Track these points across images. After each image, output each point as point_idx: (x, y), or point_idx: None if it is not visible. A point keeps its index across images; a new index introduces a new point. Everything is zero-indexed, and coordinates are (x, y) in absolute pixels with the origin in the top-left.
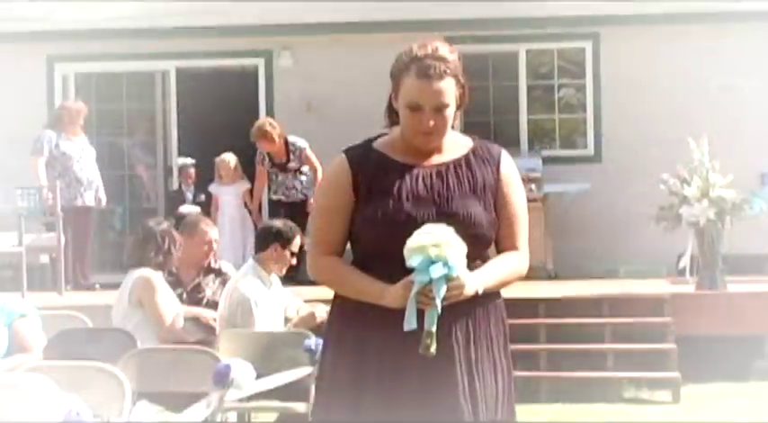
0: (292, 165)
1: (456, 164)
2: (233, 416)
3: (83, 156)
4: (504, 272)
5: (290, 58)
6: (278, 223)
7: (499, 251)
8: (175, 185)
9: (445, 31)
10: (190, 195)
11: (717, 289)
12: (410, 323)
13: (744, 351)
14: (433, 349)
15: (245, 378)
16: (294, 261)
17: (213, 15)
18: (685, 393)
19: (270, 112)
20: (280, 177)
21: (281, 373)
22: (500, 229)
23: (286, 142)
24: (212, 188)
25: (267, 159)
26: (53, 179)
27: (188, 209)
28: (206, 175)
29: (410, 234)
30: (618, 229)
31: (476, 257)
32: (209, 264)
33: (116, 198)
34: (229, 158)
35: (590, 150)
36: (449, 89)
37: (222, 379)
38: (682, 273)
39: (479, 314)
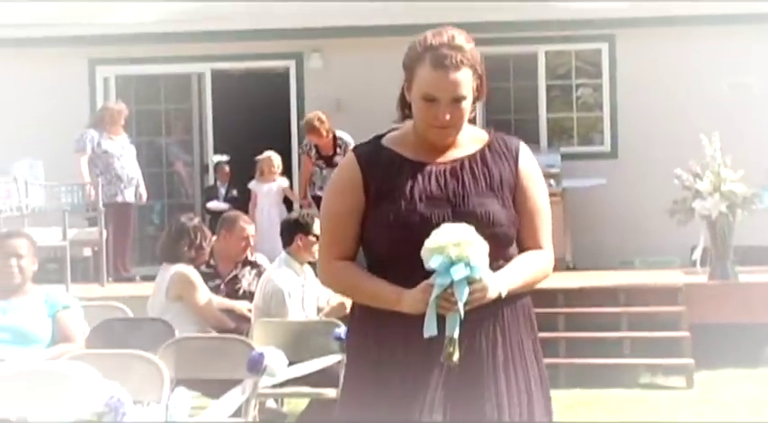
0: (338, 159)
1: (471, 159)
2: (271, 401)
3: (123, 154)
4: (530, 272)
5: (319, 60)
6: (294, 215)
7: (522, 250)
8: (211, 181)
9: (468, 34)
10: (223, 191)
11: (728, 279)
12: (430, 329)
13: (754, 338)
14: (455, 357)
15: (278, 365)
16: None
17: (246, 20)
18: (698, 379)
19: (300, 112)
20: (324, 172)
21: (312, 360)
22: (522, 227)
23: (334, 136)
24: (252, 185)
25: (314, 151)
26: (95, 176)
27: (216, 205)
28: (240, 172)
29: (425, 236)
30: (633, 222)
31: (498, 257)
32: (246, 257)
33: (155, 194)
34: (273, 156)
35: (607, 147)
36: (465, 80)
37: (256, 366)
38: (695, 264)
39: (508, 315)
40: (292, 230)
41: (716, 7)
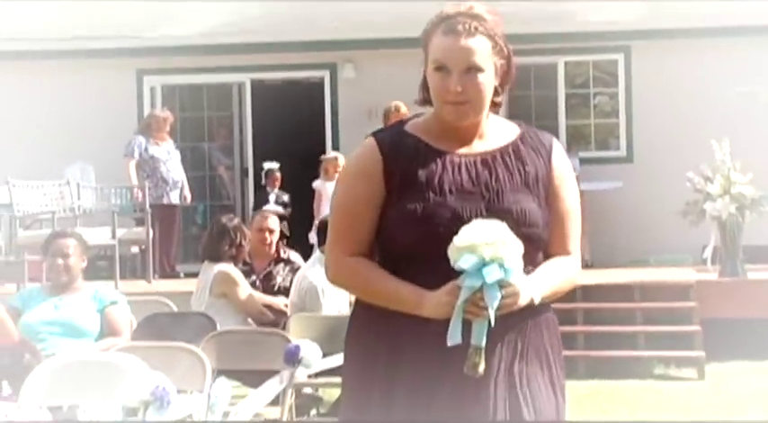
0: None
1: (503, 152)
2: (307, 387)
3: (169, 158)
4: (559, 280)
5: (352, 70)
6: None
7: (548, 255)
8: (251, 186)
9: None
10: (273, 196)
11: (737, 276)
12: (455, 337)
13: (762, 333)
14: (481, 368)
15: (313, 357)
16: None
17: (283, 32)
18: (709, 371)
19: (334, 120)
20: None
21: None
22: (551, 230)
23: None
24: (317, 184)
25: None
26: (143, 179)
27: (271, 208)
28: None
29: (454, 233)
30: (648, 222)
31: (527, 263)
32: (279, 254)
33: (199, 196)
34: (339, 156)
35: (623, 152)
36: (481, 49)
37: (292, 358)
38: (705, 262)
39: (530, 328)
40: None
41: (723, 20)
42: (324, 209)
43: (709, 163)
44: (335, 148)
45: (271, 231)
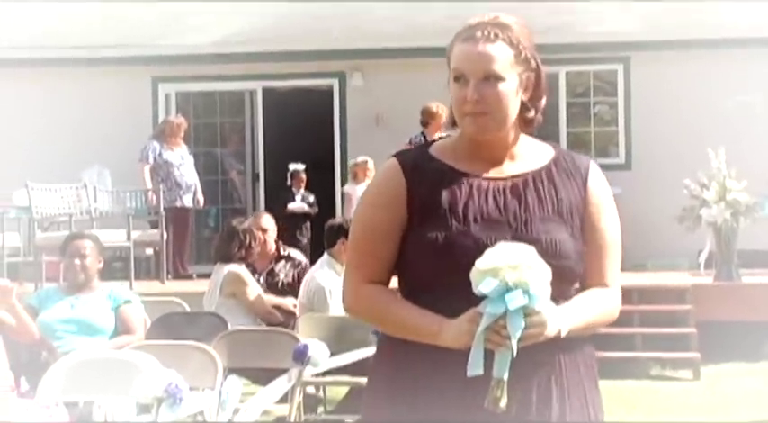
0: None
1: (535, 177)
2: (309, 387)
3: (183, 163)
4: (595, 312)
5: (360, 78)
6: (338, 220)
7: (584, 287)
8: (262, 190)
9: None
10: (299, 196)
11: (732, 280)
12: (476, 367)
13: (756, 335)
14: (503, 403)
15: (321, 356)
16: None
17: (294, 42)
18: (705, 372)
19: (343, 127)
20: None
21: (352, 351)
22: (587, 261)
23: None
24: (347, 188)
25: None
26: (157, 183)
27: (296, 206)
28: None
29: None
30: (645, 228)
31: (559, 296)
32: (279, 252)
33: (211, 200)
34: (369, 161)
35: (621, 159)
36: (501, 57)
37: (301, 357)
38: (701, 266)
39: (566, 365)
40: (336, 234)
41: (721, 32)
42: (352, 210)
43: (705, 170)
44: (343, 153)
45: (264, 230)
